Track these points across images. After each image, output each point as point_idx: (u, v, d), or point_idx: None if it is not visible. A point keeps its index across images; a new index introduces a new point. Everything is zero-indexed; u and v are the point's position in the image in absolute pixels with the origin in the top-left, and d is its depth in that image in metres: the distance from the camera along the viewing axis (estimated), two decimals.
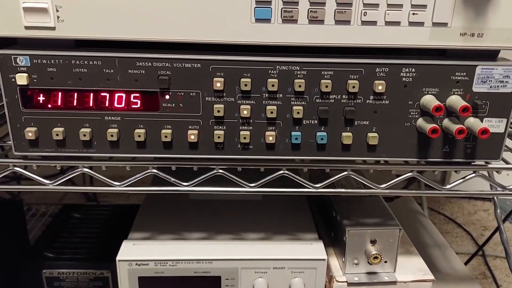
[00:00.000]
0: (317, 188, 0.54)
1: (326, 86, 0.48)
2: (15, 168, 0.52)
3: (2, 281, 0.77)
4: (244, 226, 0.65)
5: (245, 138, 0.50)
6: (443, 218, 1.25)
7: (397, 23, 0.47)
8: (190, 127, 0.50)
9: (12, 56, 0.46)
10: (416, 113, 0.50)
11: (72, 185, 0.57)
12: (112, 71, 0.48)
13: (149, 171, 0.52)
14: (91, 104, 0.49)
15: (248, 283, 0.59)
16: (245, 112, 0.49)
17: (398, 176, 0.54)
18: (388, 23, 0.46)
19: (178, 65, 0.48)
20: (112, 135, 0.49)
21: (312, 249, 0.60)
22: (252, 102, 0.49)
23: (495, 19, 0.46)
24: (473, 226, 1.23)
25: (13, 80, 0.47)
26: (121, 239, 0.60)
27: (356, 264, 0.59)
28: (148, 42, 0.47)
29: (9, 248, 0.79)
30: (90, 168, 0.52)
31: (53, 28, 0.46)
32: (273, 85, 0.48)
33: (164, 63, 0.48)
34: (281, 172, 0.53)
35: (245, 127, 0.50)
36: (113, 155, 0.51)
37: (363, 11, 0.46)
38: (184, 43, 0.47)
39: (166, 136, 0.50)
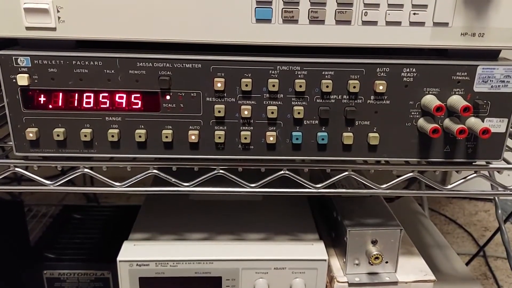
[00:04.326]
0: (318, 188, 0.54)
1: (327, 86, 0.48)
2: (16, 169, 0.52)
3: (3, 282, 0.77)
4: (245, 226, 0.64)
5: (245, 138, 0.50)
6: (444, 219, 1.25)
7: (398, 23, 0.46)
8: (190, 127, 0.50)
9: (13, 57, 0.46)
10: (417, 113, 0.50)
11: (72, 186, 0.57)
12: (112, 71, 0.48)
13: (149, 171, 0.52)
14: (91, 105, 0.49)
15: (249, 284, 0.58)
16: (246, 112, 0.49)
17: (398, 176, 0.54)
18: (388, 23, 0.46)
19: (178, 65, 0.48)
20: (112, 136, 0.49)
21: (313, 249, 0.60)
22: (252, 102, 0.49)
23: (496, 18, 0.46)
24: (474, 227, 1.22)
25: (14, 80, 0.47)
26: (121, 240, 0.60)
27: (357, 264, 0.59)
28: (149, 42, 0.47)
29: (10, 249, 0.79)
30: (91, 168, 0.52)
31: (54, 29, 0.46)
32: (273, 85, 0.48)
33: (164, 64, 0.48)
34: (282, 172, 0.53)
35: (246, 127, 0.50)
36: (113, 156, 0.51)
37: (364, 11, 0.46)
38: (184, 43, 0.47)
39: (166, 137, 0.50)
